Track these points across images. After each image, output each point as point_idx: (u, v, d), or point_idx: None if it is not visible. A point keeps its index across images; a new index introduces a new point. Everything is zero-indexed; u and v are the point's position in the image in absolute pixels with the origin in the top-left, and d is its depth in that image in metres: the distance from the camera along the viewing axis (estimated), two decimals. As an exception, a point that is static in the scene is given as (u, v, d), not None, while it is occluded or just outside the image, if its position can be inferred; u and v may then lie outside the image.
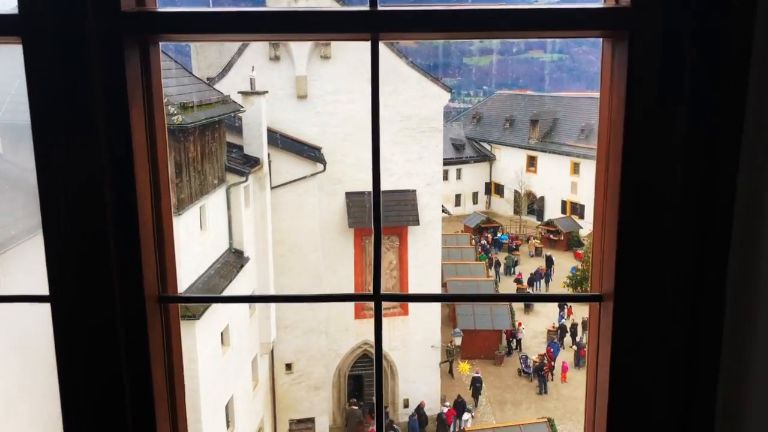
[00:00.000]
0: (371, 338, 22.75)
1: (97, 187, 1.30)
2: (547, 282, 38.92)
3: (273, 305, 20.04)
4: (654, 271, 1.31)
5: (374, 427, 21.47)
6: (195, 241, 15.86)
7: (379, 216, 1.56)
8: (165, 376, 1.43)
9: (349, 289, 22.41)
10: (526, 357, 28.21)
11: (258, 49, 21.04)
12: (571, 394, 26.40)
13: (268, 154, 19.69)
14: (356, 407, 22.84)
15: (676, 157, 1.27)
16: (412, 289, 22.73)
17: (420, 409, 22.63)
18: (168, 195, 1.43)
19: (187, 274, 15.36)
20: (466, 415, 23.07)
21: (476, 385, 25.56)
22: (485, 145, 59.42)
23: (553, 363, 27.51)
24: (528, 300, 1.63)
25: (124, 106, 1.29)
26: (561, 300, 1.72)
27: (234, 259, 18.01)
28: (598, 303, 1.47)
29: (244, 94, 19.11)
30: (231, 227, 18.24)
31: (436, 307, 23.31)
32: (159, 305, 1.43)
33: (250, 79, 19.37)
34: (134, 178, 1.32)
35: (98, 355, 1.34)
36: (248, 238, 18.81)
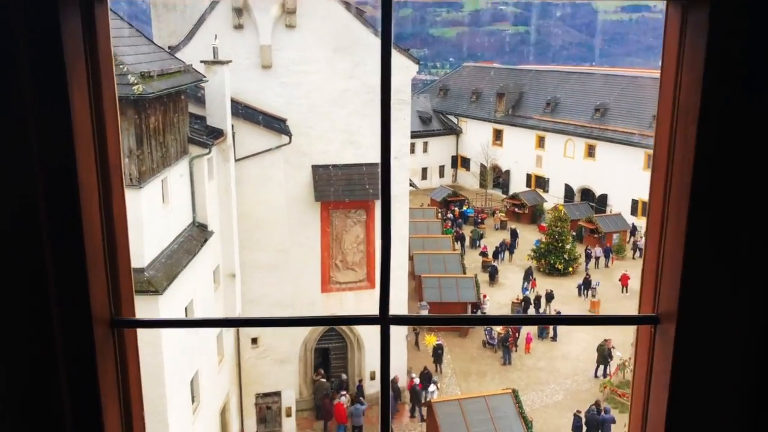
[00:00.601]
0: (338, 311, 22.70)
1: (27, 182, 1.01)
2: (511, 253, 39.30)
3: (238, 278, 19.79)
4: (727, 289, 1.04)
5: (341, 400, 21.57)
6: (157, 215, 15.48)
7: (389, 229, 1.39)
8: (120, 413, 1.20)
9: (315, 263, 22.23)
10: (491, 329, 28.51)
11: (221, 17, 20.45)
12: (534, 365, 26.85)
13: (232, 126, 19.26)
14: (324, 379, 22.86)
15: (765, 153, 0.98)
16: (379, 262, 22.64)
17: (394, 383, 22.74)
18: (121, 191, 1.17)
19: (150, 248, 15.02)
20: (432, 387, 23.29)
21: (437, 352, 25.76)
22: (452, 118, 59.33)
23: (517, 334, 27.86)
24: (570, 323, 1.36)
25: (60, 79, 0.97)
26: (607, 323, 1.49)
27: (197, 233, 17.66)
28: (653, 326, 1.25)
29: (207, 63, 18.58)
30: (194, 200, 17.85)
31: (403, 280, 23.31)
32: (111, 330, 1.16)
33: (213, 47, 18.82)
34: (76, 172, 1.02)
35: (36, 392, 1.06)
36: (212, 211, 18.44)
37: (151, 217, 14.99)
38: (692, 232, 1.06)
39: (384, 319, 1.36)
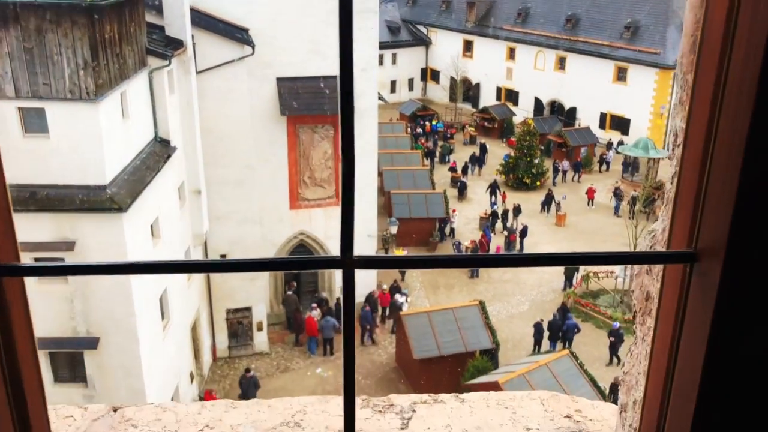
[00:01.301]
0: (306, 228, 22.65)
1: None
2: (480, 167, 39.40)
3: (204, 195, 19.46)
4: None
5: (312, 314, 21.84)
6: (117, 130, 14.94)
7: (352, 173, 1.19)
8: (4, 382, 0.98)
9: (283, 180, 21.93)
10: (459, 243, 28.86)
11: None
12: (501, 277, 27.40)
13: (192, 36, 18.41)
14: (293, 293, 23.05)
15: None
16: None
17: (370, 297, 23.02)
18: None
19: (111, 165, 14.57)
20: (401, 298, 23.65)
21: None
22: (421, 28, 57.84)
23: (487, 248, 28.27)
24: (584, 261, 1.17)
25: None
26: (632, 261, 1.32)
27: (160, 149, 17.18)
28: (688, 264, 1.06)
29: (163, -32, 17.54)
30: (155, 115, 17.25)
31: (372, 196, 23.23)
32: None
33: (169, -49, 17.72)
34: None
35: None
36: (174, 126, 17.88)
37: (110, 133, 14.47)
38: (750, 149, 0.89)
39: (346, 263, 1.19)
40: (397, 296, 23.74)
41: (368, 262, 1.26)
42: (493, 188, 34.72)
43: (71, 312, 14.96)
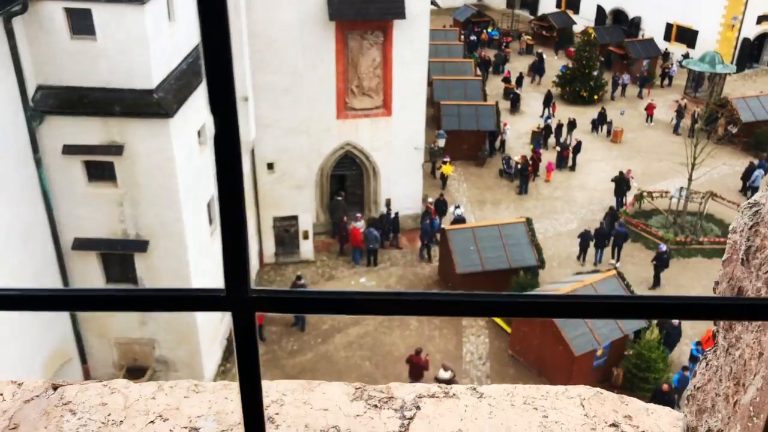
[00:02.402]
0: (353, 139, 22.38)
1: None
2: (536, 78, 37.98)
3: (251, 101, 19.25)
4: None
5: (357, 225, 21.92)
6: (163, 33, 14.68)
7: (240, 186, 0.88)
8: None
9: (330, 88, 21.46)
10: (509, 158, 28.21)
11: None
12: (551, 195, 26.85)
13: (239, -65, 17.69)
14: (340, 198, 23.12)
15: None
16: (396, 88, 21.85)
17: (428, 212, 22.84)
18: None
19: (158, 69, 14.42)
20: (458, 210, 23.34)
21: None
22: (480, -72, 54.62)
23: (538, 164, 27.58)
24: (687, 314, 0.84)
25: None
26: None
27: (207, 54, 16.89)
28: None
29: None
30: (202, 18, 16.85)
31: (421, 107, 22.64)
32: None
33: None
34: None
35: None
36: (221, 30, 17.49)
37: (156, 36, 14.24)
38: None
39: (237, 302, 0.93)
40: (454, 209, 23.54)
41: (268, 301, 0.96)
42: (548, 100, 33.54)
43: (121, 215, 15.29)
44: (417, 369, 16.83)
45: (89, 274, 15.75)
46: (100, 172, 15.02)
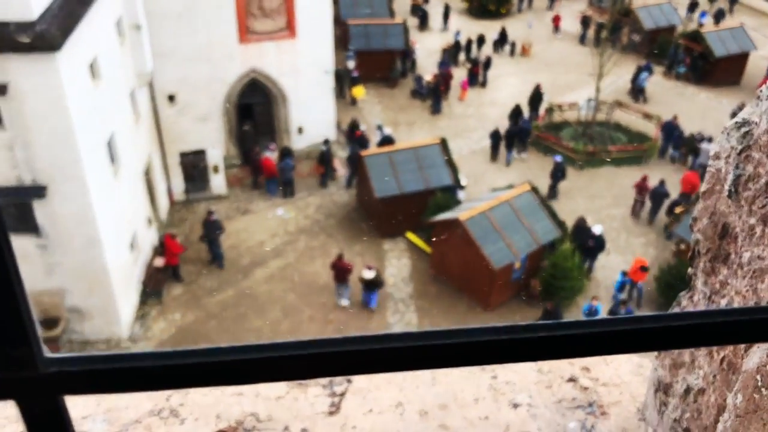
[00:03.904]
0: (258, 65, 21.36)
1: None
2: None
3: (145, 30, 17.90)
4: None
5: (269, 155, 21.25)
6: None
7: None
8: None
9: (230, 11, 20.20)
10: (420, 77, 27.83)
11: None
12: (464, 113, 26.85)
13: None
14: (247, 128, 22.28)
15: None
16: (300, 7, 20.82)
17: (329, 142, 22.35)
18: None
19: (32, -3, 13.06)
20: (386, 131, 23.06)
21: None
22: None
23: (449, 82, 27.37)
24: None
25: None
26: None
27: (89, -22, 15.43)
28: None
29: None
30: (79, -62, 15.28)
31: (327, 27, 21.75)
32: None
33: None
34: None
35: None
36: (102, -49, 15.96)
37: (28, -40, 12.80)
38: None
39: (19, 382, 0.59)
40: (383, 131, 23.27)
41: (77, 377, 0.61)
42: (446, 14, 33.22)
43: (13, 160, 14.16)
44: (341, 273, 17.40)
45: (-18, 227, 14.62)
46: (-18, 114, 13.73)
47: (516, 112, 24.66)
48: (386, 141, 22.60)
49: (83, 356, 0.61)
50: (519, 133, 23.60)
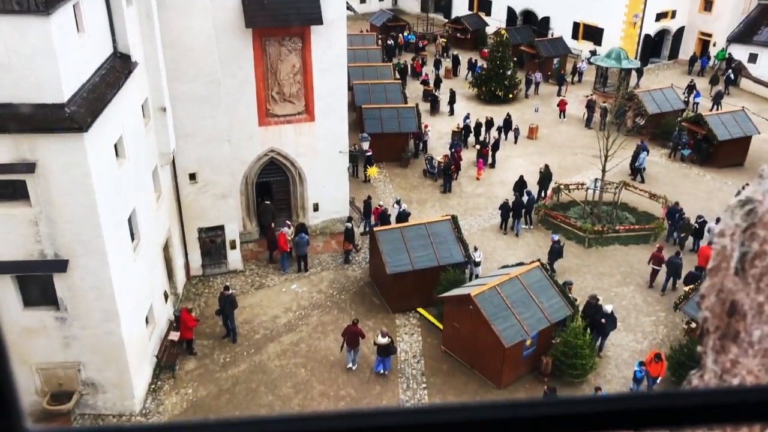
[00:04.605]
0: (277, 145, 22.24)
1: None
2: (455, 73, 38.73)
3: (169, 112, 18.81)
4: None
5: (284, 230, 21.77)
6: (72, 45, 14.18)
7: None
8: None
9: (251, 96, 21.29)
10: (432, 158, 28.70)
11: None
12: (473, 192, 27.47)
13: (148, -58, 17.28)
14: (268, 202, 22.93)
15: None
16: (318, 93, 21.86)
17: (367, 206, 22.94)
18: None
19: (68, 82, 13.90)
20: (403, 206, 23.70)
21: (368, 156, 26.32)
22: (391, -67, 55.30)
23: (459, 162, 28.16)
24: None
25: None
26: None
27: (120, 65, 16.43)
28: None
29: None
30: (113, 29, 16.39)
31: (343, 111, 22.72)
32: None
33: None
34: None
35: None
36: (134, 40, 17.05)
37: (65, 48, 13.73)
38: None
39: None
40: (400, 205, 24.16)
41: None
42: (452, 99, 34.52)
43: (37, 235, 14.64)
44: (354, 337, 17.84)
45: (4, 299, 15.00)
46: (11, 191, 14.34)
47: (521, 184, 25.70)
48: (403, 215, 23.28)
49: (63, 429, 0.72)
50: (525, 205, 24.59)
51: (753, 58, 40.52)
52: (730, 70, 39.35)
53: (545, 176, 26.39)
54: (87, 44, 14.96)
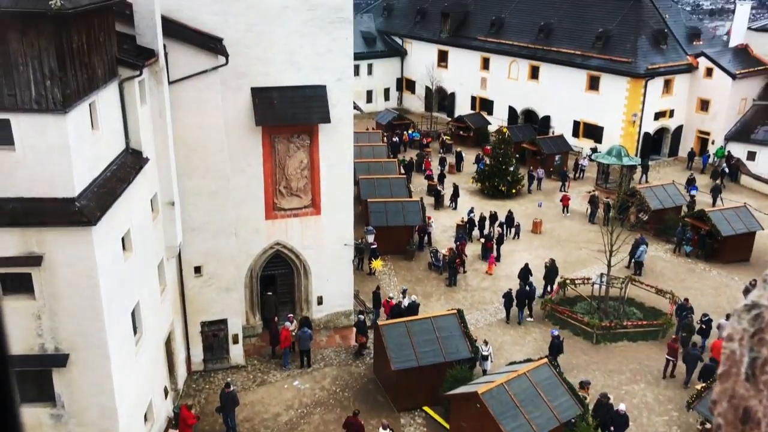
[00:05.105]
0: (282, 238, 22.38)
1: None
2: (458, 169, 39.40)
3: (177, 206, 19.08)
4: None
5: (287, 325, 21.53)
6: (86, 141, 14.58)
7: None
8: None
9: (259, 190, 21.65)
10: (437, 250, 28.78)
11: (147, -74, 18.83)
12: (479, 285, 27.34)
13: (164, 46, 18.11)
14: (270, 293, 22.77)
15: None
16: (324, 188, 22.23)
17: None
18: None
19: (80, 177, 14.20)
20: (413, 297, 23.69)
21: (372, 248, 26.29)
22: (396, 39, 57.91)
23: (464, 256, 28.20)
24: None
25: None
26: None
27: (132, 160, 16.82)
28: None
29: (133, -24, 17.22)
30: (127, 126, 16.90)
31: (349, 205, 23.01)
32: None
33: (139, -41, 17.41)
34: None
35: None
36: (146, 137, 17.54)
37: (79, 144, 14.12)
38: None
39: None
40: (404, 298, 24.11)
41: None
42: (455, 194, 35.04)
43: (38, 329, 14.50)
44: (354, 429, 17.55)
45: (2, 394, 14.66)
46: (17, 284, 14.34)
47: (525, 272, 26.05)
48: (413, 307, 23.18)
49: None
50: (528, 294, 24.71)
51: (752, 155, 41.32)
52: (724, 165, 40.28)
53: (551, 270, 26.34)
54: (100, 141, 15.39)
